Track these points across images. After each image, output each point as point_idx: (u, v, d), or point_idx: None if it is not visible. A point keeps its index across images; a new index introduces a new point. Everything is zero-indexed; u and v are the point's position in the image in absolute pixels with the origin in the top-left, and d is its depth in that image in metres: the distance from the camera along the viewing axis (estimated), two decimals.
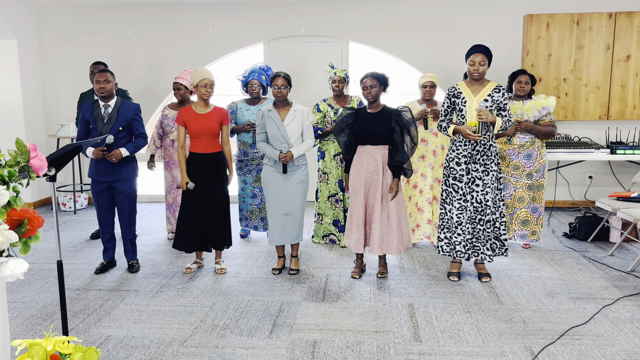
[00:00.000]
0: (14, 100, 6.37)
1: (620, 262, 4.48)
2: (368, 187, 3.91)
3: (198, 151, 4.05)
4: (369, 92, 3.84)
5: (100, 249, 4.86)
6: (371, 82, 3.84)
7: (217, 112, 4.06)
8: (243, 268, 4.38)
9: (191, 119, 4.02)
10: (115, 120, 4.07)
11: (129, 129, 4.15)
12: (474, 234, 3.96)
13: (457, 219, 3.97)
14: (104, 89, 4.04)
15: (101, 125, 4.06)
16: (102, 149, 4.02)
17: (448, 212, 4.01)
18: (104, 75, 4.07)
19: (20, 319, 3.42)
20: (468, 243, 3.98)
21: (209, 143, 4.04)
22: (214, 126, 4.03)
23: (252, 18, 6.49)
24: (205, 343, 3.08)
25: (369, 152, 3.89)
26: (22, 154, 1.96)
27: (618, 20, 5.90)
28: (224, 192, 4.14)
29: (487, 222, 3.93)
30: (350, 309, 3.55)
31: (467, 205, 3.93)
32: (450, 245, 4.04)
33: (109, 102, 4.11)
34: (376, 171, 3.87)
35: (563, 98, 6.07)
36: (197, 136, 4.02)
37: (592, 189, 6.58)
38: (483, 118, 3.75)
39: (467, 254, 3.99)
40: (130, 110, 4.14)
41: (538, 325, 3.29)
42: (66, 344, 1.70)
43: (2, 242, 1.83)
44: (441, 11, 6.35)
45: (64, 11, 6.66)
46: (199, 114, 4.03)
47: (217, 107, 4.11)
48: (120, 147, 4.07)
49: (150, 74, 6.68)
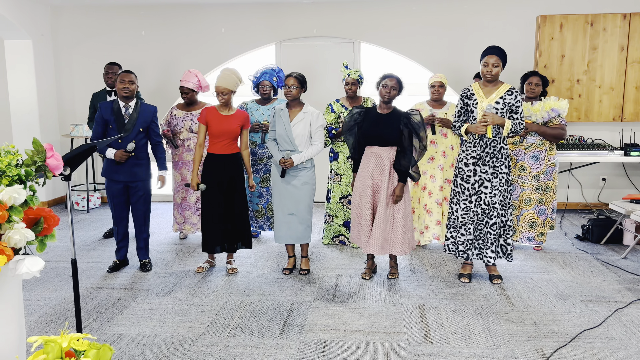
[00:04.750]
0: (29, 100, 6.46)
1: (634, 265, 4.44)
2: (376, 187, 3.91)
3: (216, 152, 4.07)
4: (389, 92, 3.84)
5: (113, 247, 4.91)
6: (393, 83, 3.83)
7: (239, 115, 4.09)
8: (254, 268, 4.40)
9: (214, 119, 4.04)
10: (135, 121, 4.11)
11: (147, 130, 4.20)
12: (477, 236, 3.96)
13: (462, 219, 3.98)
14: (127, 89, 4.08)
15: (121, 126, 4.10)
16: (124, 151, 4.05)
17: (455, 212, 4.04)
18: (128, 75, 4.11)
19: (35, 317, 3.47)
20: (468, 243, 3.98)
21: (228, 145, 4.06)
22: (235, 129, 4.05)
23: (264, 19, 6.52)
24: (216, 342, 3.10)
25: (377, 153, 3.89)
26: (39, 154, 2.00)
27: (632, 21, 5.84)
28: (243, 192, 4.16)
29: (493, 224, 3.92)
30: (361, 309, 3.55)
31: (471, 207, 3.93)
32: (455, 244, 4.06)
33: (130, 103, 4.15)
34: (383, 172, 3.88)
35: (576, 99, 6.03)
36: (218, 137, 4.04)
37: (605, 191, 6.53)
38: (488, 122, 3.75)
39: (466, 254, 4.01)
40: (150, 112, 4.20)
41: (550, 327, 3.27)
42: (81, 341, 1.73)
43: (19, 240, 1.86)
44: (453, 12, 6.33)
45: (79, 12, 6.73)
46: (222, 115, 4.05)
47: (240, 110, 4.14)
48: (139, 147, 4.14)
49: (163, 75, 6.73)
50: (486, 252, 3.97)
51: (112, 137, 3.16)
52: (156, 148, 4.28)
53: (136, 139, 4.11)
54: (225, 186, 4.08)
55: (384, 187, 3.87)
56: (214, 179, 4.07)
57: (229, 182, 4.08)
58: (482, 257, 3.99)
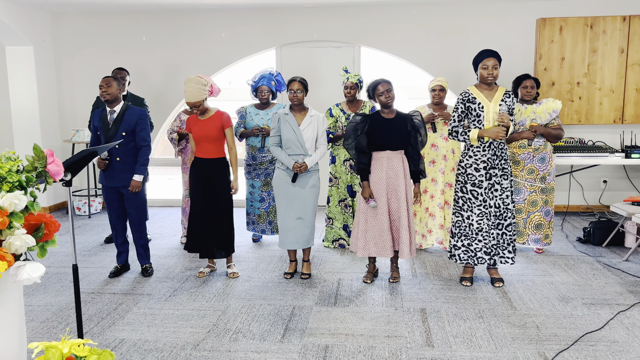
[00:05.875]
0: (31, 106, 6.47)
1: (636, 268, 4.43)
2: (391, 192, 3.91)
3: (201, 156, 4.10)
4: (388, 96, 3.84)
5: (114, 253, 4.91)
6: (388, 86, 3.85)
7: (217, 117, 4.08)
8: (255, 272, 4.40)
9: (194, 124, 4.08)
10: (119, 125, 4.11)
11: (134, 134, 4.15)
12: (497, 239, 3.94)
13: (478, 225, 3.92)
14: (106, 92, 4.08)
15: (106, 131, 4.11)
16: (100, 158, 4.09)
17: (466, 220, 3.95)
18: (106, 80, 4.10)
19: (37, 322, 3.47)
20: (492, 249, 3.95)
21: (211, 148, 4.07)
22: (213, 131, 4.04)
23: (265, 24, 6.54)
24: (217, 347, 3.10)
25: (389, 157, 3.90)
26: (40, 160, 2.00)
27: (632, 23, 5.85)
28: (226, 198, 4.15)
29: (508, 225, 3.92)
30: (362, 313, 3.55)
31: (489, 211, 3.90)
32: (470, 252, 3.99)
33: (114, 107, 4.14)
34: (397, 176, 3.89)
35: (577, 102, 6.03)
36: (199, 141, 4.07)
37: (606, 194, 6.52)
38: (505, 122, 3.75)
39: (492, 260, 3.97)
40: (135, 115, 4.14)
41: (552, 330, 3.26)
42: (82, 346, 1.73)
43: (20, 246, 1.87)
44: (453, 16, 6.34)
45: (80, 18, 6.76)
46: (200, 120, 4.07)
47: (218, 111, 4.11)
48: (126, 152, 4.11)
49: (164, 80, 6.74)
50: (504, 253, 3.97)
51: (112, 143, 3.17)
52: (139, 151, 4.18)
53: (121, 144, 4.08)
54: (210, 191, 4.09)
55: (402, 191, 3.88)
56: (200, 183, 4.09)
57: (214, 187, 4.09)
58: (500, 259, 3.98)
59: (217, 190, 4.10)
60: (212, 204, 4.10)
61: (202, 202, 4.10)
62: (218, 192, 4.11)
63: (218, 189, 4.10)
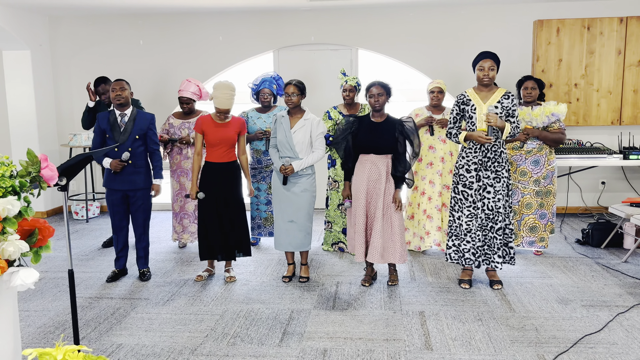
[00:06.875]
0: (28, 110, 6.46)
1: (635, 269, 4.42)
2: (370, 195, 3.90)
3: (214, 160, 4.07)
4: (377, 100, 3.85)
5: (112, 257, 4.89)
6: (379, 90, 3.85)
7: (235, 122, 4.09)
8: (253, 276, 4.38)
9: (210, 127, 4.04)
10: (131, 129, 4.11)
11: (145, 138, 4.20)
12: (485, 242, 3.93)
13: (467, 226, 3.94)
14: (120, 96, 4.08)
15: (118, 134, 4.10)
16: (119, 161, 4.05)
17: (457, 220, 3.99)
18: (119, 83, 4.12)
19: (33, 328, 3.45)
20: (478, 250, 3.95)
21: (226, 152, 4.07)
22: (232, 136, 4.05)
23: (262, 27, 6.53)
24: (215, 351, 3.08)
25: (372, 161, 3.89)
26: (33, 165, 1.99)
27: (629, 24, 5.85)
28: (239, 200, 4.16)
29: (499, 229, 3.90)
30: (361, 317, 3.53)
31: (477, 213, 3.90)
32: (459, 252, 4.01)
33: (125, 111, 4.15)
34: (379, 179, 3.87)
35: (574, 103, 6.03)
36: (215, 145, 4.05)
37: (605, 195, 6.51)
38: (491, 122, 3.73)
39: (477, 262, 3.97)
40: (146, 120, 4.19)
41: (551, 333, 3.25)
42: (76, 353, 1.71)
43: (14, 252, 1.85)
44: (450, 18, 6.34)
45: (77, 22, 6.75)
46: (218, 123, 4.05)
47: (235, 116, 4.14)
48: (137, 155, 4.12)
49: (161, 84, 6.73)
50: (493, 258, 3.95)
51: (108, 147, 3.15)
52: (152, 156, 4.27)
53: (133, 147, 4.10)
54: (223, 195, 4.07)
55: (381, 195, 3.86)
56: (212, 188, 4.06)
57: (227, 190, 4.08)
58: (488, 262, 3.97)
59: (232, 192, 4.10)
60: (229, 207, 4.09)
61: (218, 205, 4.07)
62: (233, 194, 4.11)
63: (233, 191, 4.10)
